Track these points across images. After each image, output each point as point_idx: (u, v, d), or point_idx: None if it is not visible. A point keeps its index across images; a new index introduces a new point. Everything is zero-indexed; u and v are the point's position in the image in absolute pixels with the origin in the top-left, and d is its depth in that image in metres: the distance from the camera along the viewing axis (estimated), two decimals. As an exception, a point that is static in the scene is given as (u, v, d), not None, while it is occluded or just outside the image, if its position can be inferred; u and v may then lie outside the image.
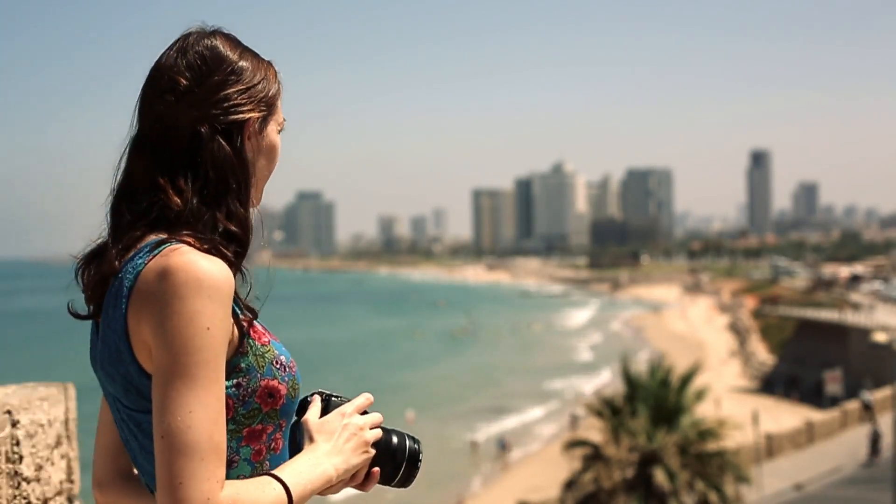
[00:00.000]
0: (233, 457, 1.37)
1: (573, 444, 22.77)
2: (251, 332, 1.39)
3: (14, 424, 2.21)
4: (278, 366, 1.41)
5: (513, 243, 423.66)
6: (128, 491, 1.52)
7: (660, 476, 20.55)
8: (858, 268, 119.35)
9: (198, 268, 1.28)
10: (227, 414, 1.34)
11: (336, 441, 1.44)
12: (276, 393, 1.39)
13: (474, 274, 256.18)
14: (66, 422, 2.47)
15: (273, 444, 1.42)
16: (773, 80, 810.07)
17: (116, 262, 1.35)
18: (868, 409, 36.86)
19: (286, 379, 1.41)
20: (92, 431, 1.58)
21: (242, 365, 1.37)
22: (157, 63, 1.44)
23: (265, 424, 1.40)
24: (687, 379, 23.04)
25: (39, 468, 2.30)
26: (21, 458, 2.23)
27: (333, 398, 1.52)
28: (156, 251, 1.32)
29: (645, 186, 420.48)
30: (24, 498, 2.23)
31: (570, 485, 21.89)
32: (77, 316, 1.45)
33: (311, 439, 1.45)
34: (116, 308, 1.34)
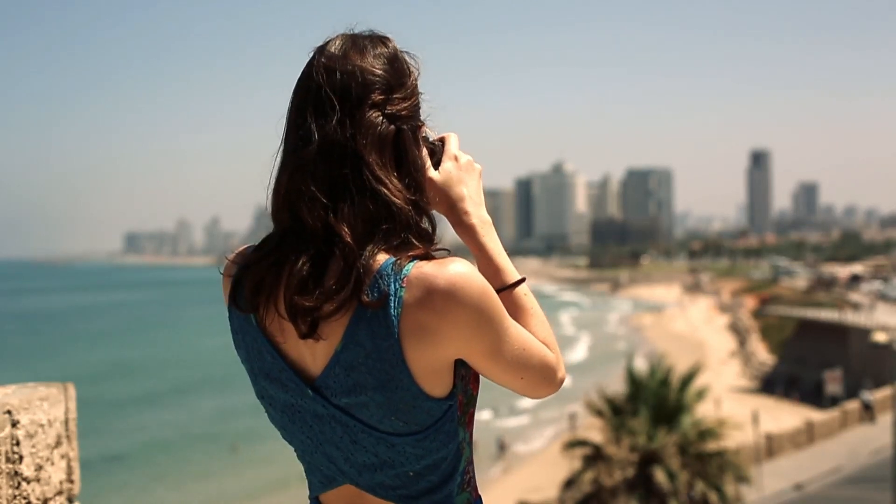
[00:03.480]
0: (462, 445, 1.43)
1: (573, 444, 22.76)
2: None
3: (14, 424, 2.21)
4: None
5: (513, 243, 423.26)
6: None
7: (660, 476, 20.56)
8: (858, 268, 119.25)
9: (460, 274, 1.31)
10: (458, 410, 1.40)
11: (471, 193, 1.54)
12: (478, 376, 1.45)
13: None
14: (66, 422, 2.46)
15: (474, 420, 1.49)
16: (773, 80, 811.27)
17: (365, 296, 1.31)
18: (868, 409, 36.88)
19: None
20: (91, 431, 1.56)
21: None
22: (345, 60, 1.40)
23: (474, 407, 1.46)
24: (688, 379, 23.04)
25: (39, 468, 2.30)
26: (21, 458, 2.23)
27: (434, 143, 1.56)
28: (401, 274, 1.31)
29: (645, 186, 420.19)
30: (24, 498, 2.23)
31: (570, 485, 21.89)
32: (306, 336, 1.36)
33: (454, 199, 1.52)
34: (384, 338, 1.31)
